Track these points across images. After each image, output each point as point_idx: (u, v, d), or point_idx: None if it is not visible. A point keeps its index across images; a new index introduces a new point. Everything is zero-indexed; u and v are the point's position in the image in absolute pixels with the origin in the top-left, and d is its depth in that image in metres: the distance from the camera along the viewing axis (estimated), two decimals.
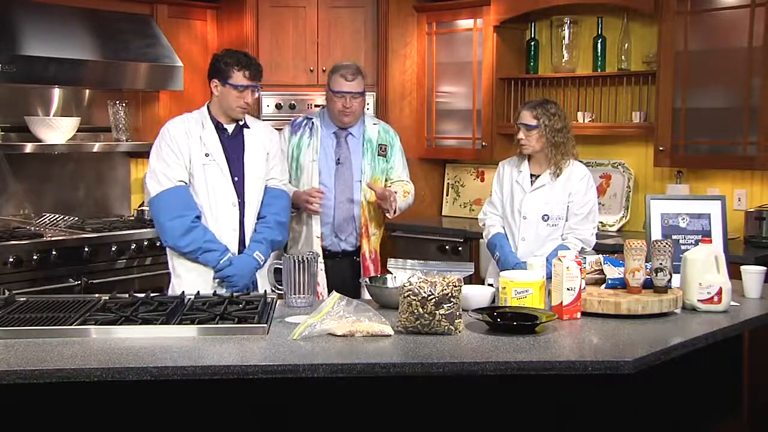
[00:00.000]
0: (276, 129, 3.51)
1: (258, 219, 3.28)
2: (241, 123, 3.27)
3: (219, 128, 3.23)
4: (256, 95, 3.24)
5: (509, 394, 2.47)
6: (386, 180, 3.74)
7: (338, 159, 3.65)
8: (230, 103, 3.18)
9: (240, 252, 3.22)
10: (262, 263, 3.23)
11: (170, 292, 3.15)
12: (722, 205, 3.16)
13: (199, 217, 3.14)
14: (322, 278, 3.56)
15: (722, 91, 4.23)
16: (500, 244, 3.54)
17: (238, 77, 3.15)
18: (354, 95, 3.58)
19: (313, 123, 3.69)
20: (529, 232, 3.49)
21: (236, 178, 3.22)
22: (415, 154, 5.35)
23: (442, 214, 5.57)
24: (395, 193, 3.60)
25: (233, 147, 3.24)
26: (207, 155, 3.18)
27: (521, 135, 3.45)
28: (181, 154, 3.15)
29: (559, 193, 3.47)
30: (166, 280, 3.36)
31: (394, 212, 3.62)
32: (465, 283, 2.63)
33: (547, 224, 3.48)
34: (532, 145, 3.44)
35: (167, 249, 3.25)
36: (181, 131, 3.18)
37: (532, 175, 3.52)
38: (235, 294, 2.86)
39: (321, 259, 3.56)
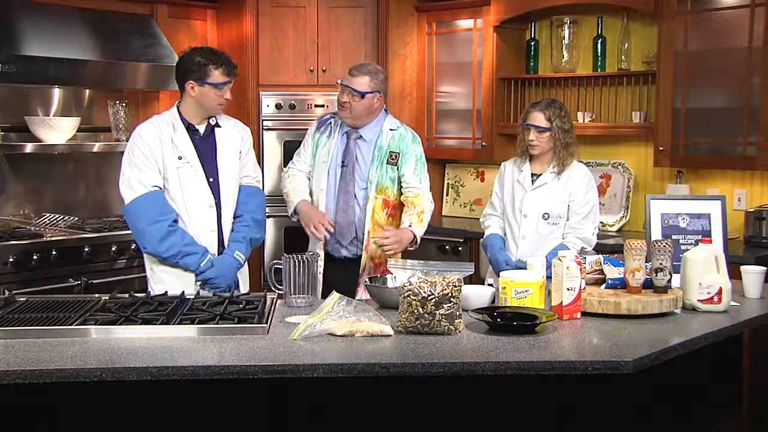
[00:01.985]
0: (265, 129, 3.47)
1: (234, 218, 3.26)
2: (212, 123, 3.23)
3: (190, 129, 3.19)
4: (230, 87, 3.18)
5: (509, 394, 2.47)
6: (400, 188, 3.55)
7: (343, 161, 3.53)
8: (210, 102, 3.14)
9: (220, 253, 3.20)
10: (243, 262, 3.23)
11: None
12: (722, 205, 3.16)
13: (176, 221, 3.11)
14: (319, 279, 3.50)
15: (722, 91, 4.23)
16: (491, 243, 3.57)
17: (216, 75, 3.10)
18: (351, 91, 3.44)
19: (334, 121, 3.60)
20: (530, 230, 3.50)
21: (211, 179, 3.18)
22: None
23: (442, 214, 5.57)
24: (394, 238, 3.40)
25: (206, 148, 3.20)
26: (180, 158, 3.13)
27: (532, 137, 3.45)
28: (154, 159, 3.10)
29: (560, 192, 3.48)
30: None
31: (415, 244, 3.49)
32: (465, 283, 2.63)
33: (548, 223, 3.49)
34: (543, 147, 3.46)
35: (145, 255, 3.23)
36: (154, 135, 3.13)
37: (533, 174, 3.54)
38: (234, 294, 2.86)
39: (321, 262, 3.51)
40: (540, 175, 3.53)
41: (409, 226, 3.46)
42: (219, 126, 3.25)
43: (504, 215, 3.62)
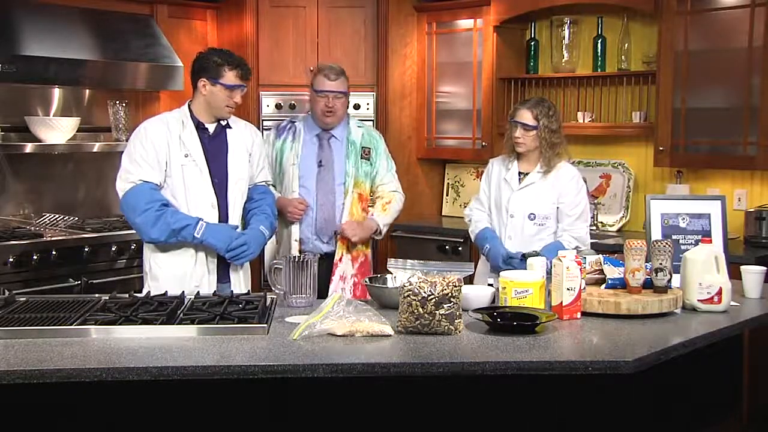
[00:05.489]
0: (265, 129, 3.50)
1: (249, 211, 3.27)
2: (223, 123, 3.22)
3: (200, 128, 3.19)
4: (243, 93, 3.18)
5: (509, 394, 2.47)
6: (372, 184, 3.71)
7: (320, 162, 3.62)
8: (219, 102, 3.13)
9: (220, 258, 3.18)
10: (267, 236, 3.25)
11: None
12: (722, 205, 3.16)
13: (165, 204, 3.08)
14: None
15: (722, 91, 4.23)
16: (490, 236, 3.54)
17: (230, 77, 3.11)
18: (336, 95, 3.57)
19: (295, 126, 3.69)
20: (516, 230, 3.49)
21: (216, 179, 3.17)
22: (415, 154, 5.36)
23: (442, 214, 5.57)
24: (359, 221, 3.61)
25: (214, 147, 3.20)
26: (186, 155, 3.13)
27: (518, 134, 3.44)
28: (154, 154, 3.09)
29: (547, 193, 3.47)
30: None
31: (379, 233, 3.68)
32: (465, 283, 2.63)
33: (534, 223, 3.48)
34: (528, 145, 3.45)
35: (144, 252, 3.23)
36: (160, 131, 3.13)
37: (520, 173, 3.53)
38: (235, 294, 2.86)
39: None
40: (527, 174, 3.51)
41: (371, 215, 3.65)
42: (230, 127, 3.25)
43: (491, 214, 3.62)
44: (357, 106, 4.99)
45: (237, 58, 3.16)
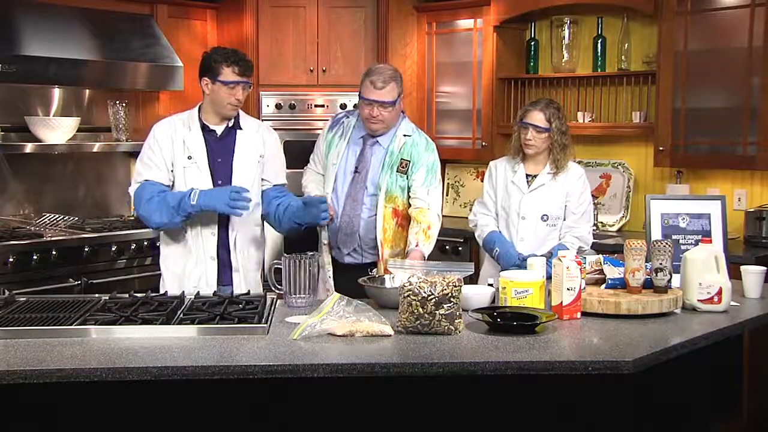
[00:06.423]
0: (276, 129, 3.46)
1: (278, 204, 3.25)
2: (230, 124, 3.21)
3: (206, 130, 3.18)
4: (248, 91, 3.16)
5: (509, 394, 2.47)
6: (410, 198, 3.42)
7: (356, 167, 3.40)
8: (221, 100, 3.13)
9: (219, 267, 3.18)
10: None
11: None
12: (722, 205, 3.16)
13: (163, 191, 3.11)
14: (330, 284, 3.42)
15: (722, 91, 4.23)
16: (499, 240, 3.50)
17: (228, 73, 3.10)
18: (382, 104, 3.30)
19: (346, 123, 3.49)
20: (528, 232, 3.48)
21: (220, 182, 3.16)
22: None
23: (442, 214, 5.55)
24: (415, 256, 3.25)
25: (221, 149, 3.19)
26: (189, 157, 3.14)
27: (530, 136, 3.41)
28: (161, 156, 3.13)
29: (557, 193, 3.47)
30: None
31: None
32: (465, 283, 2.63)
33: (547, 224, 3.47)
34: (539, 147, 3.43)
35: (161, 250, 3.26)
36: (166, 133, 3.16)
37: (527, 175, 3.52)
38: (235, 294, 2.86)
39: (329, 266, 3.44)
40: (535, 176, 3.50)
41: (417, 245, 3.29)
42: (240, 128, 3.23)
43: (497, 217, 3.60)
44: (357, 106, 4.99)
45: (236, 54, 3.14)
